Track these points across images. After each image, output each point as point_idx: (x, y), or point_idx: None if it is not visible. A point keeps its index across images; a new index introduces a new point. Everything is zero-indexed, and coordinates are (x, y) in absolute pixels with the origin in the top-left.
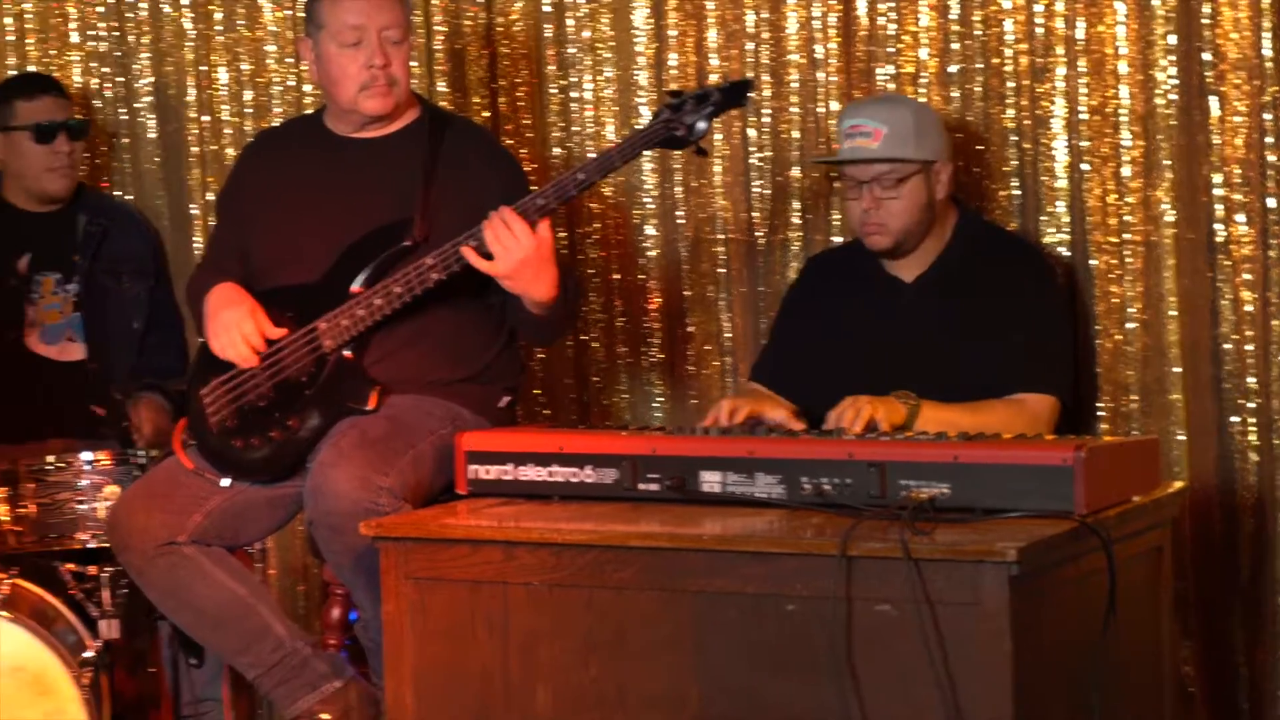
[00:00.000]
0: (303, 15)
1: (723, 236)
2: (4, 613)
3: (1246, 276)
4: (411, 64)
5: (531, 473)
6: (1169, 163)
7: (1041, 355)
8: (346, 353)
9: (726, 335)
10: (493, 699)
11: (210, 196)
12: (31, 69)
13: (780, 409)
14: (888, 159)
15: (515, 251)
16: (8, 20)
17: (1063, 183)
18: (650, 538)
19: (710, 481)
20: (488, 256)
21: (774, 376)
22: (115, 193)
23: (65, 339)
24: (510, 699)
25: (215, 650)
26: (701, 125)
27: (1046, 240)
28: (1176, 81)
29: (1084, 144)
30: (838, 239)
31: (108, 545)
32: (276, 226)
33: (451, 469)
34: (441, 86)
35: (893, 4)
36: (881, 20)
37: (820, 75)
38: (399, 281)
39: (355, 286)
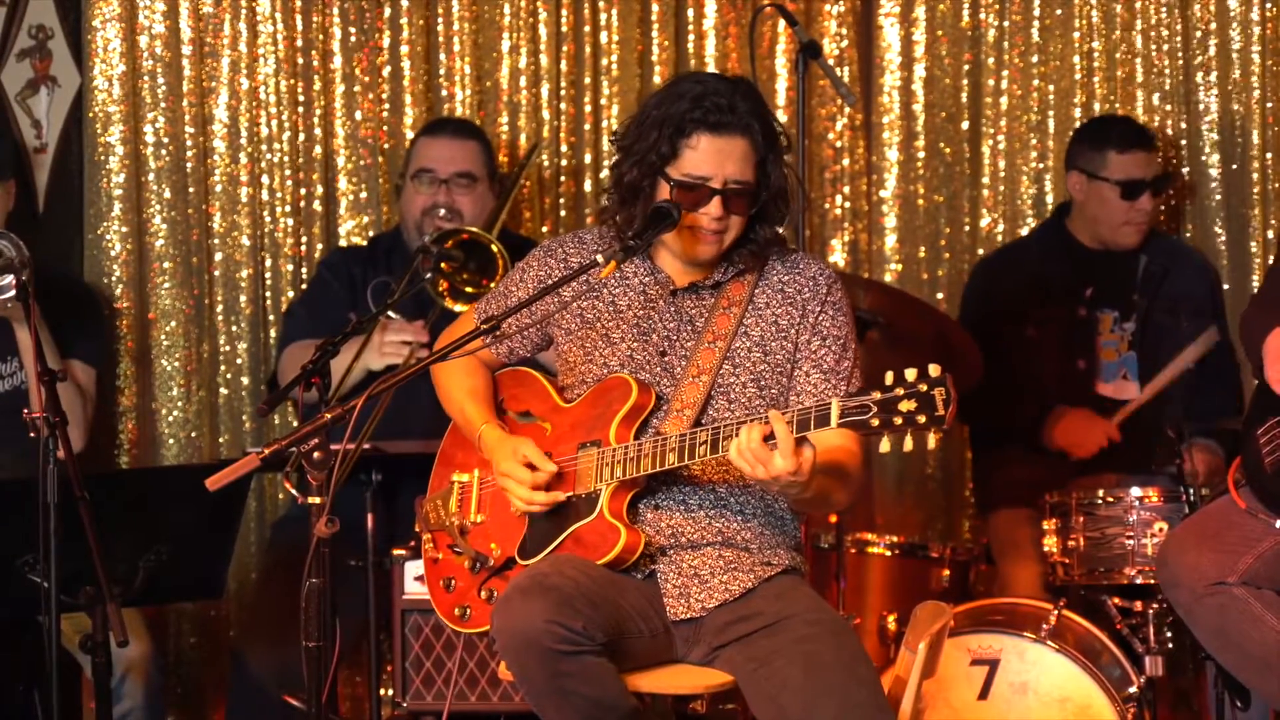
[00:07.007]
0: None
1: None
2: (1051, 643)
3: None
4: None
5: None
6: None
7: None
8: None
9: None
10: None
11: (1269, 235)
12: (1098, 110)
13: None
14: None
15: None
16: (1075, 59)
17: None
18: None
19: None
20: None
21: None
22: (1173, 232)
23: (1120, 377)
24: None
25: (1261, 694)
26: None
27: None
28: None
29: None
30: None
31: (1155, 581)
32: None
33: None
34: None
35: None
36: None
37: None
38: None
39: None
